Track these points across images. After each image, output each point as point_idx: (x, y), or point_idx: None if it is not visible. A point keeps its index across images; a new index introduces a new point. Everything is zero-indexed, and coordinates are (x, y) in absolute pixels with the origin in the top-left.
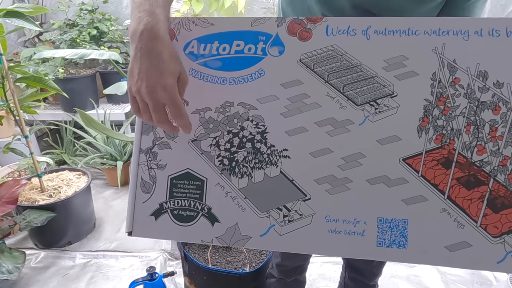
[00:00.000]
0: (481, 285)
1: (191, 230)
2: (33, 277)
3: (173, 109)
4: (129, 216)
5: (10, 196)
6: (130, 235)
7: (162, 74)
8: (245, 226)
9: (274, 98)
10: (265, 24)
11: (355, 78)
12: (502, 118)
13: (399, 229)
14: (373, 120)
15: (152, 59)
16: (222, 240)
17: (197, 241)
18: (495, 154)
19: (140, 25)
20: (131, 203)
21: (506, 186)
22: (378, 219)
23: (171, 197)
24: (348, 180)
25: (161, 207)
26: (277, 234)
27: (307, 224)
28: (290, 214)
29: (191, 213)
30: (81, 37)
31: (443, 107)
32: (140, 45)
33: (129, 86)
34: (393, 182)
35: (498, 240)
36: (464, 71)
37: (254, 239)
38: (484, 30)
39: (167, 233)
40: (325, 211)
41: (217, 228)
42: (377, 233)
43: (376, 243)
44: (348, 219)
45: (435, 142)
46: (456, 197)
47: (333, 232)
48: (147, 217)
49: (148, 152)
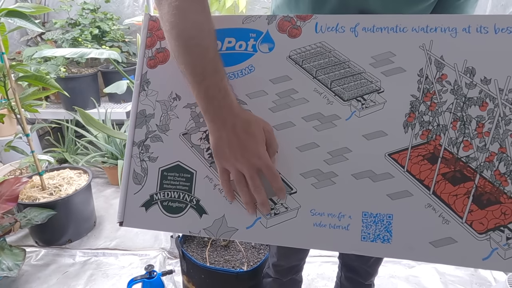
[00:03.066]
0: (480, 286)
1: (180, 221)
2: (33, 274)
3: (269, 173)
4: (121, 206)
5: (11, 194)
6: (121, 225)
7: (254, 144)
8: (232, 218)
9: (263, 94)
10: (256, 22)
11: (342, 74)
12: (489, 114)
13: (384, 224)
14: (360, 115)
15: (239, 135)
16: (209, 231)
17: (185, 232)
18: (481, 150)
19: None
20: (123, 194)
21: (492, 182)
22: (363, 213)
23: (161, 189)
24: (334, 175)
25: (151, 198)
26: (263, 226)
27: (293, 218)
28: (276, 207)
29: (180, 205)
30: (83, 36)
31: (430, 103)
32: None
33: (220, 161)
34: (379, 177)
35: (484, 236)
36: (452, 68)
37: (240, 231)
38: (472, 27)
39: (156, 224)
40: (310, 204)
41: (205, 220)
42: (361, 228)
43: (361, 237)
44: (333, 213)
45: (421, 137)
46: (442, 192)
47: (318, 225)
48: (138, 208)
49: (141, 145)
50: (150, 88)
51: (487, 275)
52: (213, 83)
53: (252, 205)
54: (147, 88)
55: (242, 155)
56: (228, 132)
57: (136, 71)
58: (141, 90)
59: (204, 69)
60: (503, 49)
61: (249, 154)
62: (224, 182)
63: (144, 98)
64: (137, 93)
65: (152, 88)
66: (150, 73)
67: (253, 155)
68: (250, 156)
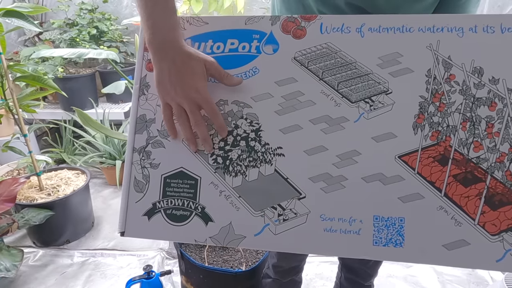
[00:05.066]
0: (478, 285)
1: (185, 230)
2: (31, 275)
3: (208, 108)
4: (122, 216)
5: (9, 194)
6: (122, 235)
7: (193, 77)
8: (239, 225)
9: (268, 96)
10: (259, 23)
11: (349, 76)
12: (498, 114)
13: (396, 228)
14: (368, 117)
15: (179, 68)
16: (216, 240)
17: (191, 241)
18: (492, 151)
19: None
20: (124, 203)
21: (504, 183)
22: (374, 217)
23: (164, 197)
24: (343, 178)
25: (154, 206)
26: (272, 233)
27: (302, 223)
28: (284, 213)
29: (184, 213)
30: (80, 37)
31: (439, 103)
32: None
33: (162, 95)
34: (389, 179)
35: (497, 238)
36: (459, 68)
37: (248, 239)
38: (479, 26)
39: (160, 233)
40: (320, 209)
41: (211, 228)
42: (373, 232)
43: (373, 242)
44: (344, 218)
45: (431, 139)
46: (453, 194)
47: (329, 231)
48: (140, 217)
49: (142, 151)
50: (150, 92)
51: (484, 274)
52: (161, 17)
53: (193, 141)
54: (146, 92)
55: (182, 88)
56: (169, 64)
57: (135, 74)
58: (140, 94)
59: (154, 3)
60: (511, 48)
61: (188, 87)
62: (166, 117)
63: (144, 103)
64: (136, 97)
65: (152, 92)
66: (150, 77)
67: (192, 88)
68: (189, 90)
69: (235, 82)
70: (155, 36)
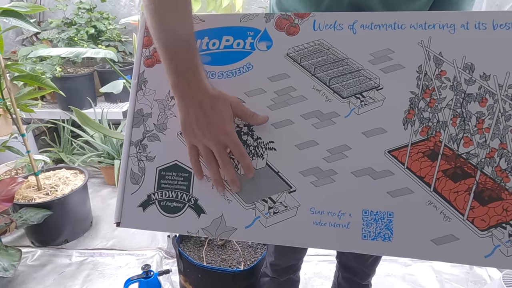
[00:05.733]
0: (476, 284)
1: (178, 221)
2: (29, 275)
3: (237, 150)
4: (118, 206)
5: (7, 194)
6: (118, 225)
7: (222, 121)
8: (230, 217)
9: (261, 92)
10: (254, 20)
11: (341, 72)
12: (488, 110)
13: (384, 222)
14: (359, 112)
15: (206, 112)
16: (207, 231)
17: (184, 232)
18: (482, 146)
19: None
20: (120, 194)
21: (494, 179)
22: (363, 211)
23: (159, 189)
24: (333, 172)
25: (149, 198)
26: (262, 225)
27: (292, 216)
28: (275, 206)
29: (178, 204)
30: (78, 36)
31: (429, 99)
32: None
33: (189, 137)
34: (379, 174)
35: (486, 233)
36: (450, 64)
37: (239, 231)
38: (471, 23)
39: (154, 224)
40: (310, 203)
41: (203, 220)
42: (362, 226)
43: (361, 235)
44: (333, 211)
45: (421, 134)
46: (443, 189)
47: (318, 224)
48: (135, 208)
49: (138, 144)
50: (147, 87)
51: (482, 273)
52: (184, 59)
53: (221, 182)
54: (144, 87)
55: (209, 131)
56: (195, 109)
57: (134, 70)
58: (138, 89)
59: (176, 45)
60: (502, 45)
61: (215, 130)
62: (193, 159)
63: (142, 97)
64: (134, 92)
65: (150, 87)
66: (148, 72)
67: (220, 131)
68: (217, 132)
69: (261, 121)
70: (180, 79)
